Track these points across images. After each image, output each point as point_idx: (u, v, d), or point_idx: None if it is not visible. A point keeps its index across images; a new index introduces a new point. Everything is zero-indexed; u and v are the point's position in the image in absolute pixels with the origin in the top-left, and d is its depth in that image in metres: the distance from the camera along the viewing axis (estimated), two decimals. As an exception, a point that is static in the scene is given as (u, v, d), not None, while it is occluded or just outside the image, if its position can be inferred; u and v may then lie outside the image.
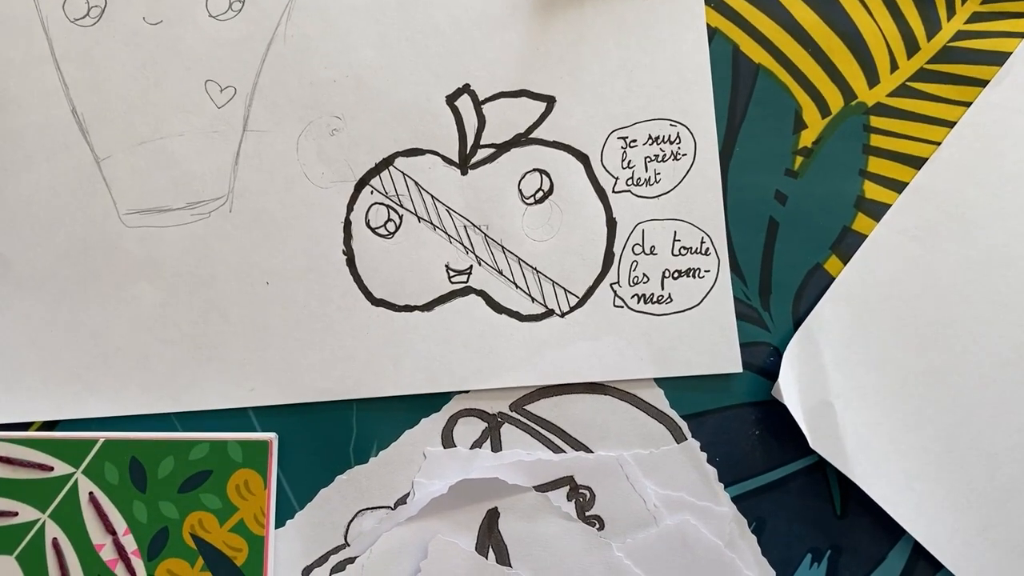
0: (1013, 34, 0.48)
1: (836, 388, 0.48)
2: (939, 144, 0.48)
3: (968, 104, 0.48)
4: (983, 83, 0.48)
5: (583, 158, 0.48)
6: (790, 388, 0.48)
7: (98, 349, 0.46)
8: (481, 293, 0.48)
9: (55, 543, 0.45)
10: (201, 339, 0.46)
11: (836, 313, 0.48)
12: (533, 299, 0.48)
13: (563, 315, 0.47)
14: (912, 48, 0.49)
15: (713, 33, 0.49)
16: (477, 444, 0.48)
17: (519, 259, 0.48)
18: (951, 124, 0.49)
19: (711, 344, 0.48)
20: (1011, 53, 0.48)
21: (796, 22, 0.49)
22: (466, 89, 0.48)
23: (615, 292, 0.48)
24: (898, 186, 0.49)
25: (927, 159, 0.49)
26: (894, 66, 0.49)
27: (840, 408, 0.48)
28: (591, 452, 0.49)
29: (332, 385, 0.46)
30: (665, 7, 0.48)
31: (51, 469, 0.45)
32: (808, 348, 0.48)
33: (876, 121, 0.49)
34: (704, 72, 0.48)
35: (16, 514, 0.45)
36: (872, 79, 0.49)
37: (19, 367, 0.46)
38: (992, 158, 0.48)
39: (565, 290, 0.48)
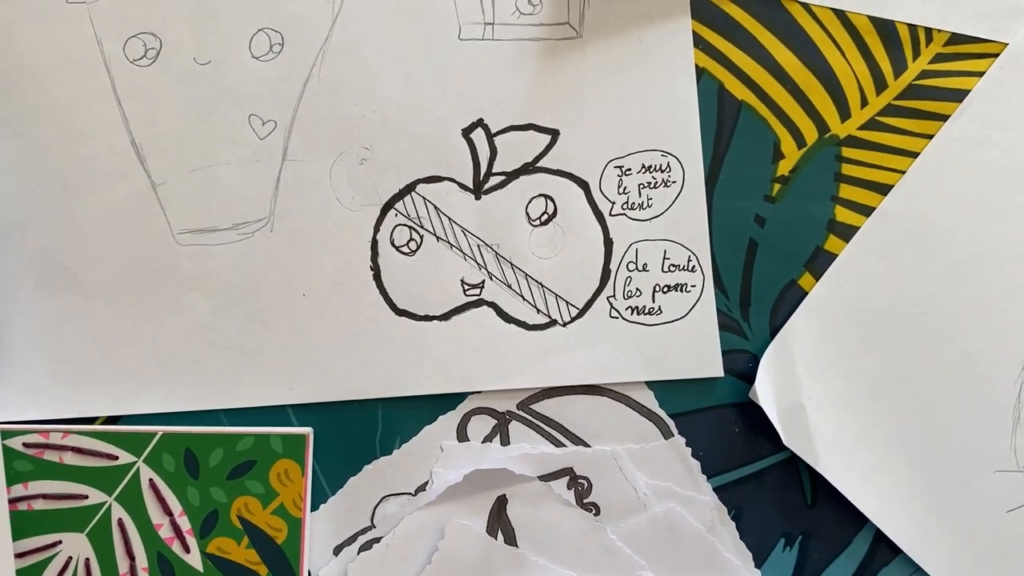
0: (972, 73, 0.51)
1: (807, 391, 0.51)
2: (904, 173, 0.51)
3: (930, 137, 0.51)
4: (944, 118, 0.51)
5: (583, 185, 0.50)
6: (766, 391, 0.50)
7: (155, 353, 0.49)
8: (492, 305, 0.50)
9: (120, 523, 0.49)
10: (246, 345, 0.49)
11: (808, 324, 0.51)
12: (538, 310, 0.51)
13: (565, 325, 0.50)
14: (881, 86, 0.51)
15: (701, 73, 0.51)
16: (488, 439, 0.51)
17: (526, 275, 0.51)
18: (915, 155, 0.51)
19: (696, 351, 0.51)
20: (970, 90, 0.51)
21: (775, 61, 0.51)
22: (480, 123, 0.50)
23: (611, 304, 0.51)
24: (866, 210, 0.51)
25: (893, 186, 0.51)
26: (864, 102, 0.52)
27: (811, 409, 0.50)
28: (588, 446, 0.51)
29: (361, 385, 0.49)
30: (658, 50, 0.50)
31: (116, 458, 0.48)
32: (782, 355, 0.51)
33: (847, 152, 0.51)
34: (692, 108, 0.51)
35: (87, 497, 0.48)
36: (844, 113, 0.52)
37: (86, 368, 0.49)
38: (951, 186, 0.51)
39: (567, 302, 0.51)
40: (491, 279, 0.51)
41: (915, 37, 0.51)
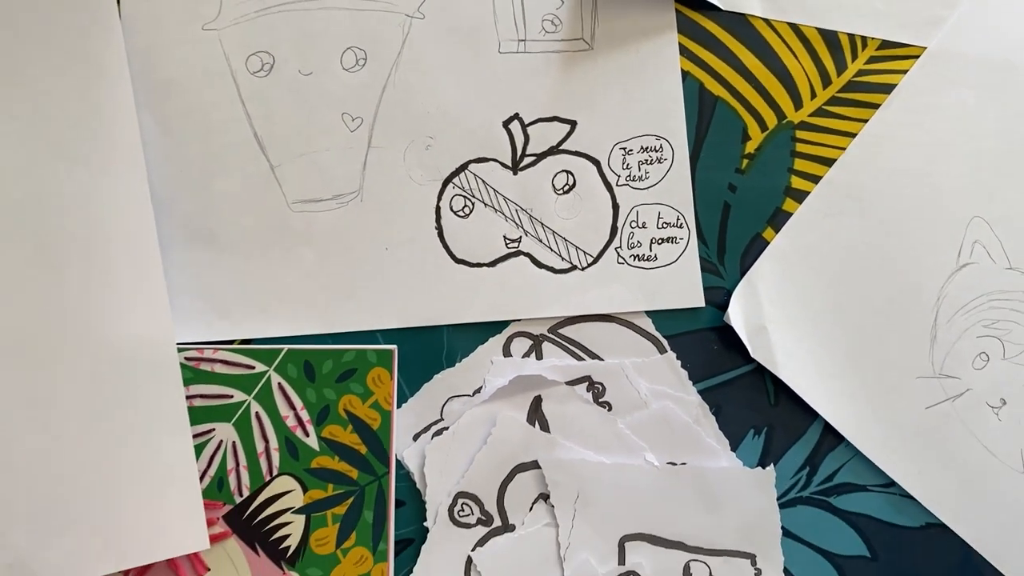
0: (898, 71, 0.57)
1: (769, 316, 0.56)
2: (845, 149, 0.56)
3: (866, 121, 0.57)
4: (877, 106, 0.57)
5: (596, 162, 0.56)
6: (737, 316, 0.56)
7: (277, 292, 0.54)
8: (527, 255, 0.56)
9: (257, 415, 0.54)
10: (343, 286, 0.55)
11: (770, 266, 0.56)
12: (562, 258, 0.56)
13: (583, 269, 0.56)
14: (826, 81, 0.57)
15: (685, 75, 0.56)
16: (526, 354, 0.57)
17: (553, 231, 0.56)
18: (854, 135, 0.57)
19: (683, 288, 0.56)
20: (896, 84, 0.56)
21: (743, 64, 0.57)
22: (516, 117, 0.56)
23: (618, 253, 0.56)
24: (815, 179, 0.57)
25: (836, 160, 0.57)
26: (813, 94, 0.57)
27: (772, 329, 0.56)
28: (602, 360, 0.57)
29: (429, 315, 0.55)
30: (651, 58, 0.56)
31: (253, 368, 0.54)
32: (750, 289, 0.56)
33: (800, 134, 0.57)
34: (679, 102, 0.56)
35: (232, 396, 0.54)
36: (797, 104, 0.57)
37: (226, 304, 0.54)
38: (882, 159, 0.57)
39: (584, 252, 0.56)
40: (526, 235, 0.56)
41: (853, 43, 0.57)
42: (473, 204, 0.56)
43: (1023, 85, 0.57)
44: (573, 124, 0.56)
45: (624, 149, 0.56)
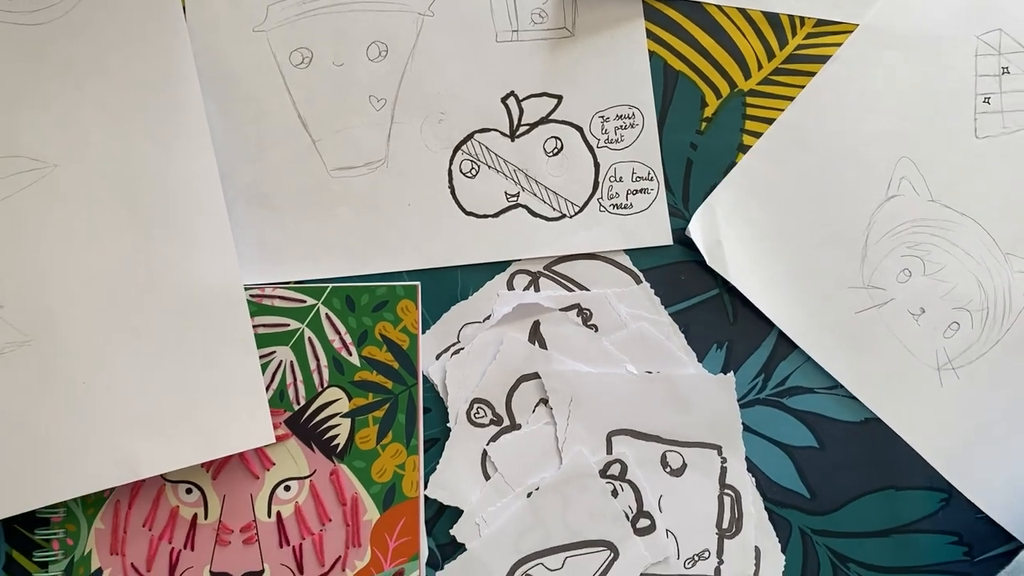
0: (833, 44, 0.61)
1: (724, 233, 0.60)
2: (783, 111, 0.61)
3: (803, 87, 0.61)
4: (813, 74, 0.61)
5: (579, 129, 0.60)
6: (697, 232, 0.60)
7: (319, 242, 0.58)
8: (524, 207, 0.60)
9: (309, 339, 0.58)
10: (377, 236, 0.59)
11: (727, 193, 0.61)
12: (554, 209, 0.60)
13: (571, 217, 0.60)
14: (771, 55, 0.61)
15: (652, 55, 0.61)
16: (526, 288, 0.60)
17: (545, 187, 0.60)
18: (792, 98, 0.61)
19: (655, 230, 0.60)
20: (831, 56, 0.61)
21: (700, 44, 0.61)
22: (512, 94, 0.60)
23: (600, 204, 0.60)
24: (759, 136, 0.61)
25: (776, 119, 0.61)
26: (759, 66, 0.61)
27: (726, 245, 0.60)
28: (589, 290, 0.60)
29: (445, 257, 0.59)
30: (622, 41, 0.60)
31: (304, 302, 0.58)
32: (709, 211, 0.60)
33: (750, 100, 0.61)
34: (647, 77, 0.61)
35: (288, 325, 0.58)
36: (747, 75, 0.62)
37: (279, 253, 0.58)
38: (817, 117, 0.62)
39: (572, 203, 0.60)
40: (523, 191, 0.60)
41: (793, 22, 0.61)
42: (479, 167, 0.60)
43: (945, 50, 0.62)
44: (559, 98, 0.60)
45: (603, 117, 0.61)
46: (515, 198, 0.60)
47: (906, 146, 0.61)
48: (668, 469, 0.60)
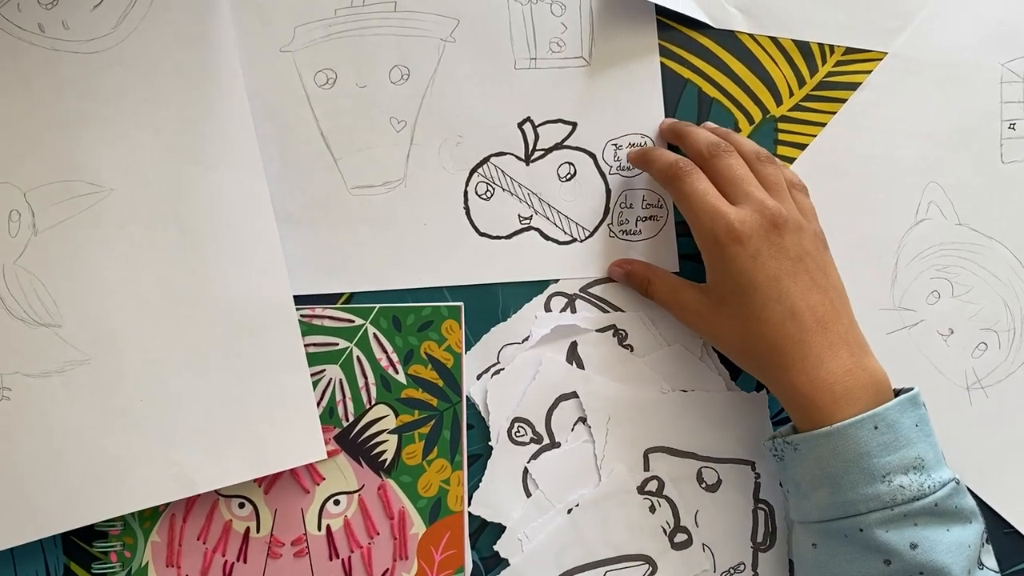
0: (863, 72, 0.63)
1: None
2: (815, 136, 0.63)
3: (834, 113, 0.63)
4: (844, 101, 0.63)
5: (592, 156, 0.61)
6: None
7: (339, 259, 0.59)
8: (537, 229, 0.60)
9: (357, 358, 0.58)
10: (403, 254, 0.59)
11: None
12: (565, 232, 0.60)
13: (581, 241, 0.60)
14: (801, 82, 0.63)
15: (686, 82, 0.62)
16: (563, 309, 0.61)
17: (558, 211, 0.60)
18: (824, 124, 0.63)
19: (663, 256, 0.61)
20: (861, 83, 0.63)
21: (732, 71, 0.62)
22: (528, 119, 0.60)
23: (610, 229, 0.61)
24: (792, 161, 0.62)
25: (809, 145, 0.62)
26: (791, 93, 0.63)
27: None
28: (624, 312, 0.61)
29: (459, 277, 0.59)
30: (636, 72, 0.61)
31: (353, 322, 0.58)
32: None
33: (781, 126, 0.63)
34: (660, 107, 0.61)
35: (338, 344, 0.58)
36: (778, 101, 0.63)
37: (301, 267, 0.58)
38: (845, 141, 0.63)
39: (583, 228, 0.61)
40: (536, 214, 0.60)
41: (823, 50, 0.62)
42: (494, 189, 0.60)
43: (971, 78, 0.63)
44: (574, 125, 0.61)
45: (615, 145, 0.61)
46: (528, 221, 0.61)
47: (934, 171, 0.63)
48: (704, 485, 0.61)
